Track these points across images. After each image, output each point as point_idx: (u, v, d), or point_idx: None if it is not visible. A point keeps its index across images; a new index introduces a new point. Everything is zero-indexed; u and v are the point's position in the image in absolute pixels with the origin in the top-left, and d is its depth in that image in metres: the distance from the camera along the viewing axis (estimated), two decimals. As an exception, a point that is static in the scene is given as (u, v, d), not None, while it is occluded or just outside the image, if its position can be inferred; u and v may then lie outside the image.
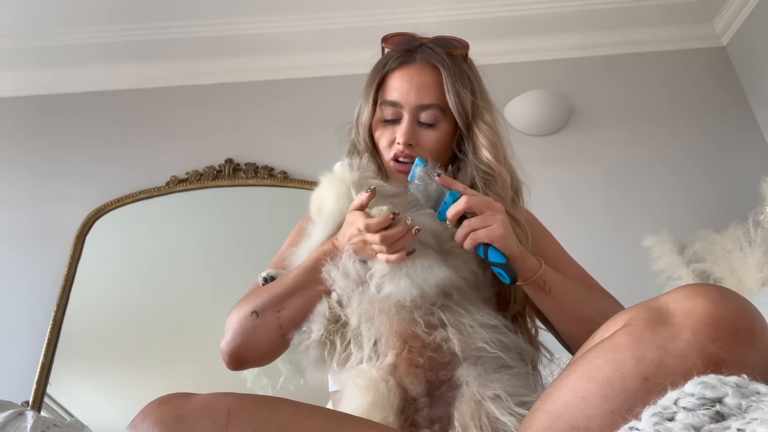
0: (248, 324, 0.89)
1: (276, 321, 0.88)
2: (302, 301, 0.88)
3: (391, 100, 1.00)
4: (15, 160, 2.43)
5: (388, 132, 1.02)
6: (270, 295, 0.89)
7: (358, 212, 0.86)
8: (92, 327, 2.14)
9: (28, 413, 1.25)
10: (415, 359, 0.80)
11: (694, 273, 2.03)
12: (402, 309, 0.82)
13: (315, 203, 0.99)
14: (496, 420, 0.72)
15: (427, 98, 0.99)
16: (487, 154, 0.98)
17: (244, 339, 0.89)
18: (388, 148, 1.02)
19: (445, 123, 1.01)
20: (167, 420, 0.61)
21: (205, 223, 2.36)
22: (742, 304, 0.56)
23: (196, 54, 2.55)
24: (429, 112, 0.99)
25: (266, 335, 0.88)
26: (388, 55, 1.05)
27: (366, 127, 1.04)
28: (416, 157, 0.96)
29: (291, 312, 0.88)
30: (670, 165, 2.39)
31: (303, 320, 0.87)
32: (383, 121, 1.02)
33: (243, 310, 0.90)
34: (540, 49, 2.60)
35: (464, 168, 1.02)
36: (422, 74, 1.00)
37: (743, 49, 2.52)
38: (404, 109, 0.99)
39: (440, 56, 1.00)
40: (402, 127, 0.99)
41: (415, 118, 0.99)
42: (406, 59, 1.01)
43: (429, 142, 1.00)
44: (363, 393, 0.76)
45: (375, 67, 1.06)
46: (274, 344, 0.89)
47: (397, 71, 1.01)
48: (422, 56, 1.01)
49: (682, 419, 0.46)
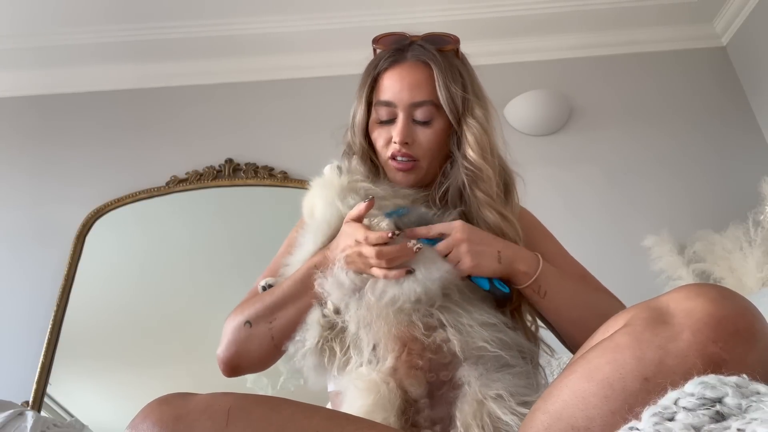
0: (241, 334, 0.90)
1: (268, 332, 0.89)
2: (293, 312, 0.88)
3: (384, 100, 1.00)
4: (15, 161, 2.43)
5: (384, 132, 1.01)
6: (263, 305, 0.90)
7: (357, 224, 0.86)
8: (92, 327, 2.14)
9: (28, 413, 1.25)
10: (415, 362, 0.80)
11: (694, 273, 2.03)
12: (400, 312, 0.81)
13: (307, 208, 0.99)
14: (498, 420, 0.72)
15: (420, 95, 0.98)
16: (472, 152, 0.98)
17: (238, 348, 0.91)
18: (385, 147, 1.02)
19: (440, 119, 1.00)
20: (167, 420, 0.61)
21: (205, 223, 2.36)
22: (742, 304, 0.56)
23: (196, 54, 2.55)
24: (423, 109, 0.99)
25: (259, 345, 0.90)
26: (379, 55, 1.05)
27: (361, 128, 1.04)
28: (413, 155, 0.97)
29: (282, 323, 0.89)
30: (670, 165, 2.39)
31: (294, 329, 0.88)
32: (379, 122, 1.02)
33: (237, 320, 0.92)
34: (540, 49, 2.60)
35: (455, 167, 1.02)
36: (414, 72, 0.99)
37: (743, 49, 2.52)
38: (398, 108, 0.99)
39: (431, 53, 1.00)
40: (397, 126, 0.98)
41: (409, 116, 0.99)
42: (397, 58, 1.01)
43: (425, 139, 1.00)
44: (364, 395, 0.76)
45: (367, 68, 1.05)
46: (266, 354, 0.91)
47: (389, 71, 1.01)
48: (413, 54, 1.01)
49: (682, 419, 0.46)
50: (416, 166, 1.00)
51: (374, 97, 1.02)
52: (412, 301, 0.81)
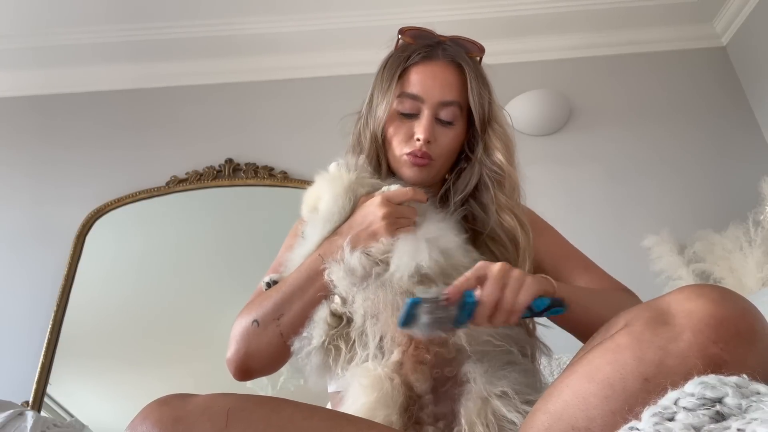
0: (250, 334, 0.88)
1: (277, 328, 0.87)
2: (301, 306, 0.87)
3: (412, 93, 0.99)
4: (14, 161, 2.43)
5: (404, 127, 1.00)
6: (270, 303, 0.89)
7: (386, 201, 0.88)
8: (92, 327, 2.14)
9: (28, 413, 1.25)
10: (422, 356, 0.79)
11: (694, 273, 2.03)
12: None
13: (309, 202, 0.97)
14: (502, 417, 0.72)
15: (450, 95, 0.99)
16: (500, 156, 0.99)
17: (249, 349, 0.88)
18: (404, 143, 1.00)
19: (461, 122, 1.01)
20: (166, 421, 0.61)
21: (205, 223, 2.36)
22: (742, 304, 0.56)
23: (196, 54, 2.55)
24: (449, 110, 0.99)
25: (269, 344, 0.87)
26: (410, 48, 1.03)
27: (382, 119, 1.02)
28: (431, 154, 0.97)
29: (290, 317, 0.87)
30: (670, 165, 2.39)
31: (303, 324, 0.86)
32: (400, 114, 1.01)
33: (245, 320, 0.90)
34: (540, 49, 2.60)
35: (470, 169, 1.02)
36: (447, 71, 1.00)
37: (743, 49, 2.52)
38: (425, 104, 0.98)
39: (463, 55, 1.01)
40: (422, 122, 0.98)
41: (435, 114, 0.99)
42: (430, 54, 1.01)
43: (446, 140, 1.00)
44: (367, 392, 0.75)
45: (394, 59, 1.04)
46: (277, 352, 0.88)
47: (421, 65, 1.00)
48: (445, 53, 1.01)
49: (683, 419, 0.46)
50: (431, 165, 1.00)
51: (399, 89, 1.01)
52: (412, 270, 0.81)
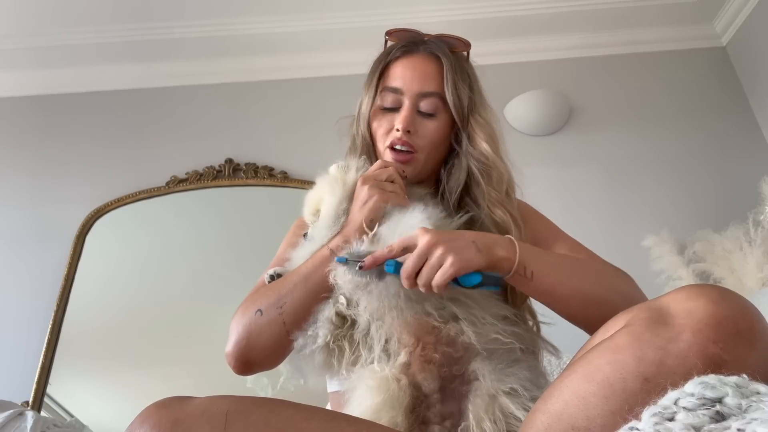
0: (252, 324, 0.86)
1: (279, 317, 0.85)
2: (304, 293, 0.85)
3: (392, 86, 1.00)
4: (15, 160, 2.43)
5: (386, 120, 1.01)
6: (274, 293, 0.87)
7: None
8: (92, 327, 2.14)
9: (28, 413, 1.25)
10: (430, 356, 0.79)
11: (694, 273, 2.03)
12: (410, 301, 0.80)
13: (311, 204, 0.98)
14: (510, 414, 0.72)
15: (429, 86, 0.99)
16: (485, 146, 0.99)
17: (249, 339, 0.86)
18: (385, 135, 1.01)
19: (444, 114, 1.01)
20: (165, 424, 0.60)
21: (205, 223, 2.36)
22: (742, 304, 0.56)
23: (196, 54, 2.55)
24: (430, 101, 0.99)
25: (270, 333, 0.85)
26: (392, 45, 1.05)
27: (366, 116, 1.04)
28: (413, 145, 0.97)
29: (293, 306, 0.85)
30: (670, 165, 2.39)
31: (305, 315, 0.84)
32: (382, 109, 1.02)
33: (247, 311, 0.89)
34: (540, 49, 2.60)
35: (458, 164, 1.02)
36: (426, 63, 1.00)
37: (743, 49, 2.52)
38: (405, 96, 0.99)
39: (443, 49, 1.02)
40: (402, 113, 0.98)
41: (415, 105, 0.99)
42: (410, 49, 1.02)
43: (428, 132, 0.99)
44: (374, 394, 0.75)
45: (378, 57, 1.06)
46: (278, 343, 0.86)
47: (401, 60, 1.02)
48: (426, 47, 1.02)
49: (682, 419, 0.46)
50: (414, 159, 0.99)
51: (381, 84, 1.02)
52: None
